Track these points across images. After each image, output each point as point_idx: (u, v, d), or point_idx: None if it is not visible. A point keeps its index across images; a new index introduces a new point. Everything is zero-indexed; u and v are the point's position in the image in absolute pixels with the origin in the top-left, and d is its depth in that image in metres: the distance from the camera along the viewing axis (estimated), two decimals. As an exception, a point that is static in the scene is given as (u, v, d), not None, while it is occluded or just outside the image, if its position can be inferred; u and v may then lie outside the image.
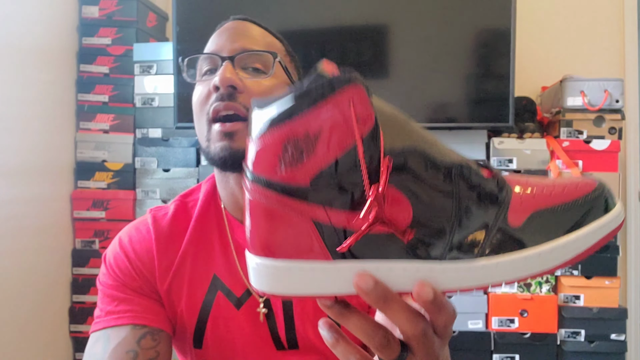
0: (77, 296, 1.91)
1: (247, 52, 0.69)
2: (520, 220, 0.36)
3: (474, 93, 1.80)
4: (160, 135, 1.92)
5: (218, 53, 0.70)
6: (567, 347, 1.77)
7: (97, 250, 1.90)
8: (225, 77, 0.65)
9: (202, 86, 0.71)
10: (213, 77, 0.68)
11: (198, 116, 0.71)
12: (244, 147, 0.54)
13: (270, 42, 0.74)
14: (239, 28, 0.72)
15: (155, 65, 1.91)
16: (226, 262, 0.72)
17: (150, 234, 0.73)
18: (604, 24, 2.11)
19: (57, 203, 1.88)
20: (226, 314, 0.71)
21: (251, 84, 0.68)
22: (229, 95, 0.66)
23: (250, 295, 0.71)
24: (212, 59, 0.70)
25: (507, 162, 1.80)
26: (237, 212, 0.73)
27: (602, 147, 1.78)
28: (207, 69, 0.72)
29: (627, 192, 2.01)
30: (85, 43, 1.97)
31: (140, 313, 0.68)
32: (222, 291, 0.71)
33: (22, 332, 1.69)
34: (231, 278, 0.71)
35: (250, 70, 0.70)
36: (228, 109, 0.66)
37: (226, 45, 0.70)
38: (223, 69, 0.66)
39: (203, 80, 0.71)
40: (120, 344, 0.65)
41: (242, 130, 0.66)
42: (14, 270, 1.65)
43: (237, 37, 0.71)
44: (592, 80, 1.80)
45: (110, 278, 0.71)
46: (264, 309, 0.70)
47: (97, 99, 1.95)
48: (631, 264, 2.02)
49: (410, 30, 1.80)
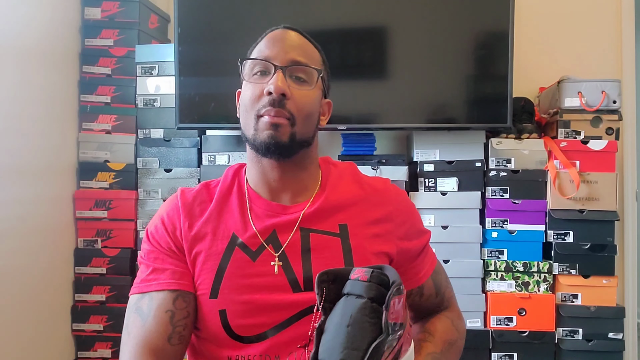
0: (79, 295, 1.92)
1: (298, 65, 0.83)
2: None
3: (472, 94, 1.81)
4: (162, 135, 1.94)
5: (272, 61, 0.82)
6: (564, 346, 1.78)
7: (99, 250, 1.92)
8: (279, 87, 0.79)
9: (254, 86, 0.83)
10: (265, 80, 0.82)
11: (247, 110, 0.83)
12: (284, 140, 0.80)
13: (313, 54, 0.87)
14: (292, 39, 0.85)
15: (157, 66, 1.93)
16: (244, 225, 0.84)
17: (177, 200, 0.88)
18: (601, 25, 2.12)
19: (59, 203, 1.89)
20: (244, 264, 0.82)
21: (297, 92, 0.82)
22: (279, 101, 0.79)
23: (264, 249, 0.83)
24: (265, 65, 0.83)
25: (505, 163, 1.82)
26: (261, 187, 0.87)
27: (600, 148, 1.79)
28: (258, 71, 0.84)
29: (624, 192, 2.03)
30: (87, 44, 1.98)
31: (174, 280, 0.82)
32: (240, 247, 0.83)
33: (25, 330, 1.71)
34: (248, 237, 0.83)
35: (294, 79, 0.83)
36: (277, 114, 0.79)
37: (280, 55, 0.82)
38: (277, 78, 0.80)
39: (254, 80, 0.83)
40: (160, 304, 0.79)
41: (285, 126, 0.80)
42: (16, 269, 1.67)
43: (290, 49, 0.83)
44: (590, 81, 1.81)
45: (150, 246, 0.85)
46: (280, 262, 0.82)
47: (100, 99, 1.97)
48: (628, 263, 2.03)
49: (410, 32, 1.82)
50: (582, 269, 1.79)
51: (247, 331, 0.80)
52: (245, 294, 0.80)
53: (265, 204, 0.86)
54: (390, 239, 0.87)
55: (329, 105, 0.93)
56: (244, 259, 0.82)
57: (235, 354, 0.80)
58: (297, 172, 0.86)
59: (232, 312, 0.80)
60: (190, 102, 1.83)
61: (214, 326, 0.80)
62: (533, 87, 2.07)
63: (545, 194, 1.81)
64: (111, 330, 1.90)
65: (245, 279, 0.81)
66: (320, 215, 0.85)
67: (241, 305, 0.80)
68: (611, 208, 1.79)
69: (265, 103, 0.80)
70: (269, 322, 0.79)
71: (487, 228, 1.82)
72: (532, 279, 1.79)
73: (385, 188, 0.91)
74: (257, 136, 0.81)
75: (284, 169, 0.85)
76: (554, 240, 1.80)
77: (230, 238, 0.83)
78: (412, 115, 1.83)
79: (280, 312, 0.79)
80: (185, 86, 1.82)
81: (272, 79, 0.80)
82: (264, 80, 0.82)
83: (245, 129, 0.84)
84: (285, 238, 0.83)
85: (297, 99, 0.81)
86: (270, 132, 0.79)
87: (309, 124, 0.84)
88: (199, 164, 1.91)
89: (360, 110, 1.82)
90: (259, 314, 0.80)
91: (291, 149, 0.82)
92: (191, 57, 1.83)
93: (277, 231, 0.84)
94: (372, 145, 1.92)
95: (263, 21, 1.80)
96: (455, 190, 1.83)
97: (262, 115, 0.80)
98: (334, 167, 0.94)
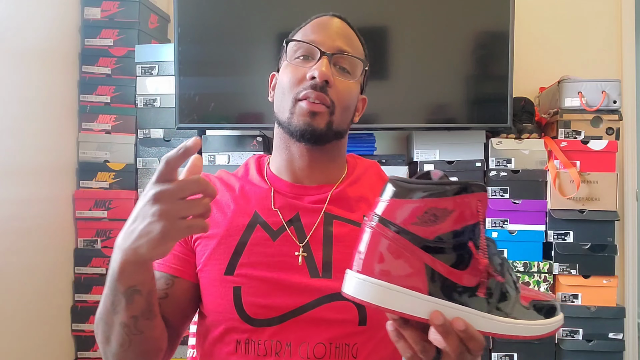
0: (79, 295, 1.92)
1: (345, 54, 0.82)
2: (525, 303, 0.57)
3: (472, 94, 1.81)
4: (162, 135, 1.93)
5: (319, 46, 0.80)
6: (565, 346, 1.78)
7: (99, 250, 1.92)
8: (323, 73, 0.78)
9: (295, 69, 0.81)
10: (308, 65, 0.80)
11: (285, 93, 0.81)
12: (321, 127, 0.79)
13: (358, 46, 0.86)
14: (340, 27, 0.84)
15: (156, 66, 1.93)
16: (266, 204, 0.83)
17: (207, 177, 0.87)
18: (601, 25, 2.12)
19: (59, 203, 1.89)
20: (263, 242, 0.80)
21: (339, 82, 0.81)
22: (322, 87, 0.78)
23: (284, 230, 0.81)
24: (311, 49, 0.81)
25: (506, 163, 1.82)
26: (284, 170, 0.86)
27: (600, 148, 1.79)
28: (301, 55, 0.82)
29: (624, 192, 2.03)
30: (87, 44, 1.98)
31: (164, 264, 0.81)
32: (261, 225, 0.82)
33: (25, 331, 1.71)
34: (270, 216, 0.82)
35: (338, 69, 0.82)
36: (318, 99, 0.78)
37: (327, 42, 0.81)
38: (322, 63, 0.78)
39: (296, 63, 0.82)
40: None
41: (324, 113, 0.79)
42: (16, 269, 1.66)
43: (337, 37, 0.82)
44: (590, 81, 1.81)
45: None
46: (304, 252, 0.80)
47: (99, 99, 1.97)
48: (628, 263, 2.03)
49: (410, 32, 1.81)
50: (582, 269, 1.79)
51: (260, 313, 0.77)
52: (263, 271, 0.78)
53: (289, 186, 0.85)
54: None
55: (364, 102, 0.92)
56: (265, 237, 0.80)
57: (245, 337, 0.77)
58: (325, 162, 0.85)
59: (247, 289, 0.77)
60: (190, 102, 1.82)
61: (226, 304, 0.77)
62: (533, 87, 2.07)
63: (546, 194, 1.81)
64: (111, 331, 1.90)
65: (264, 257, 0.79)
66: (345, 202, 0.84)
67: (258, 282, 0.77)
68: (611, 208, 1.78)
69: (307, 86, 0.78)
70: (284, 306, 0.77)
71: (487, 228, 1.82)
72: (533, 279, 1.79)
73: None
74: (292, 120, 0.80)
75: (314, 157, 0.84)
76: (554, 241, 1.80)
77: (252, 216, 0.82)
78: (412, 115, 1.82)
79: (297, 296, 0.77)
80: (185, 86, 1.82)
81: (316, 64, 0.79)
82: (307, 64, 0.81)
83: (280, 112, 0.83)
84: (308, 222, 0.81)
85: (339, 88, 0.80)
86: (307, 119, 0.78)
87: (347, 115, 0.83)
88: (199, 164, 1.90)
89: (360, 110, 1.82)
90: (274, 294, 0.77)
91: (326, 137, 0.81)
92: (191, 57, 1.83)
93: (301, 214, 0.82)
94: (372, 145, 1.92)
95: (263, 21, 1.79)
96: (456, 190, 1.82)
97: (301, 99, 0.79)
98: (359, 160, 0.93)
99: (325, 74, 0.77)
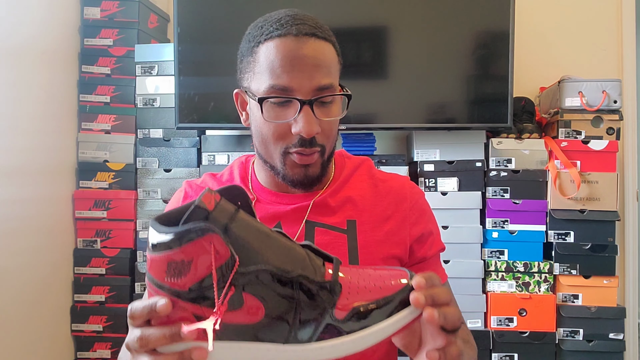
0: (78, 295, 1.92)
1: (325, 90, 0.73)
2: (343, 315, 0.51)
3: (472, 94, 1.81)
4: (162, 135, 1.93)
5: (296, 95, 0.72)
6: (565, 346, 1.78)
7: (99, 250, 1.92)
8: (311, 131, 0.72)
9: (276, 125, 0.74)
10: (288, 112, 0.73)
11: (269, 144, 0.77)
12: (317, 173, 0.77)
13: (332, 61, 0.76)
14: (313, 56, 0.73)
15: (156, 66, 1.92)
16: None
17: (183, 192, 0.91)
18: (601, 25, 2.12)
19: (59, 203, 1.89)
20: None
21: (325, 123, 0.75)
22: (310, 141, 0.74)
23: None
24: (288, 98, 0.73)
25: (506, 163, 1.82)
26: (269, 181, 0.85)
27: (600, 148, 1.79)
28: (276, 102, 0.73)
29: (624, 192, 2.02)
30: (87, 44, 1.98)
31: None
32: None
33: (24, 331, 1.70)
34: None
35: (320, 104, 0.74)
36: (309, 151, 0.75)
37: (304, 84, 0.72)
38: (306, 117, 0.72)
39: (273, 109, 0.74)
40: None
41: (317, 160, 0.77)
42: (15, 270, 1.66)
43: (314, 70, 0.72)
44: (590, 81, 1.81)
45: None
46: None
47: (99, 99, 1.97)
48: (629, 264, 2.03)
49: (410, 32, 1.81)
50: (582, 269, 1.78)
51: None
52: None
53: (274, 195, 0.84)
54: (402, 239, 0.83)
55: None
56: None
57: None
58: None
59: None
60: (189, 102, 1.82)
61: None
62: (533, 87, 2.07)
63: (546, 194, 1.81)
64: (110, 331, 1.90)
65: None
66: (328, 208, 0.82)
67: None
68: (612, 208, 1.78)
69: (295, 143, 0.74)
70: None
71: (488, 228, 1.82)
72: (533, 279, 1.78)
73: (402, 185, 0.87)
74: (286, 171, 0.77)
75: None
76: (555, 241, 1.80)
77: None
78: (412, 115, 1.82)
79: None
80: (185, 86, 1.81)
81: (299, 118, 0.72)
82: (286, 111, 0.73)
83: (267, 156, 0.79)
84: (289, 231, 0.79)
85: (325, 128, 0.76)
86: (302, 171, 0.77)
87: (334, 139, 0.81)
88: (199, 164, 1.90)
89: (360, 110, 1.81)
90: None
91: (321, 174, 0.80)
92: (191, 56, 1.83)
93: (282, 223, 0.81)
94: (372, 145, 1.91)
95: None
96: (456, 190, 1.82)
97: (291, 152, 0.76)
98: (348, 160, 0.90)
99: (313, 130, 0.72)
